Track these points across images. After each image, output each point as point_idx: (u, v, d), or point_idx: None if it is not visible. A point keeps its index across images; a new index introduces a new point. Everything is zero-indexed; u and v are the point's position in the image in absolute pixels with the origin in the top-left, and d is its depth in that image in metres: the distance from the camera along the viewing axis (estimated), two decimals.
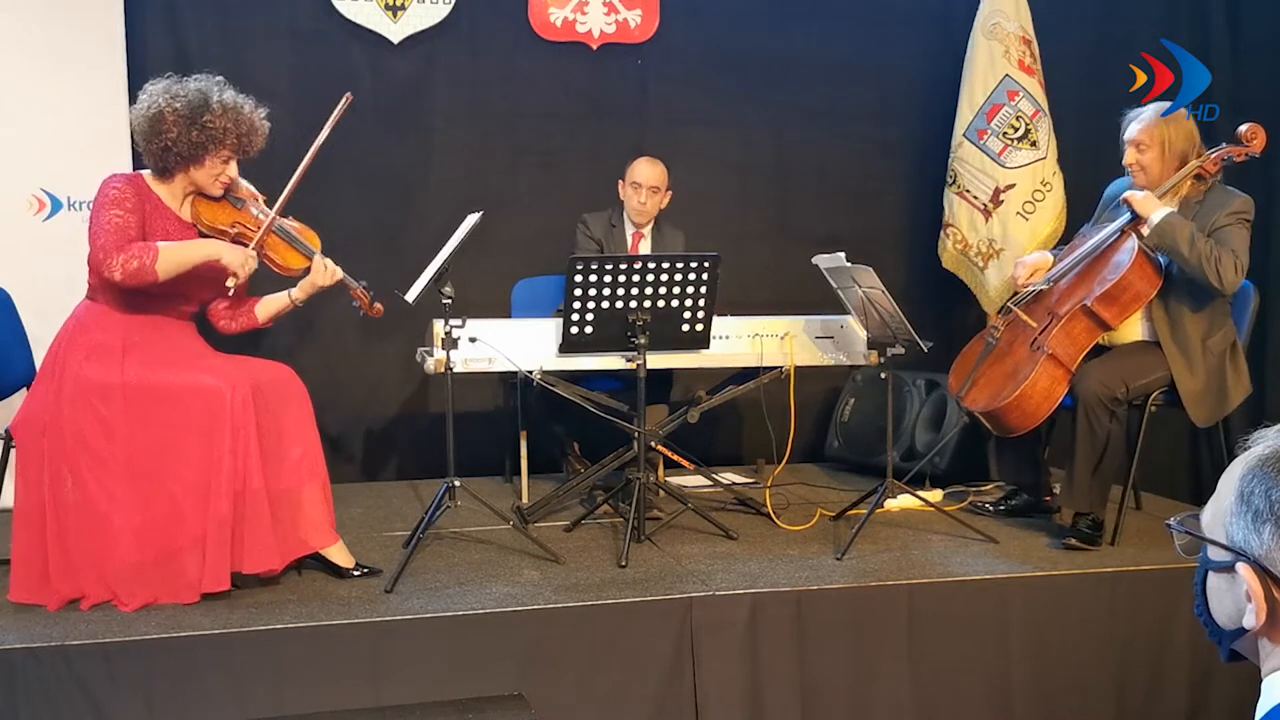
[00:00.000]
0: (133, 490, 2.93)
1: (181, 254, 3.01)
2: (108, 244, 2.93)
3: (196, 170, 3.09)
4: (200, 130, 3.02)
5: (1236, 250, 3.37)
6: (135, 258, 2.92)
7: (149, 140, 3.05)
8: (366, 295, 3.27)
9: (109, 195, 3.01)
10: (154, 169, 3.12)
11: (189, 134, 3.02)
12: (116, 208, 2.99)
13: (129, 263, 2.91)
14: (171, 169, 3.09)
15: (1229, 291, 3.42)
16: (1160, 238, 3.40)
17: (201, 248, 3.06)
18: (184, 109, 3.02)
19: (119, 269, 2.91)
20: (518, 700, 2.71)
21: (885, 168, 5.12)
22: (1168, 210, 3.41)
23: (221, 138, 3.06)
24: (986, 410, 3.54)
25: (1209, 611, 1.22)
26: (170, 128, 3.01)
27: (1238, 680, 3.15)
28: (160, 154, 3.05)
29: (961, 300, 4.91)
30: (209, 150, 3.06)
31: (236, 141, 3.10)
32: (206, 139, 3.04)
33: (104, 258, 2.92)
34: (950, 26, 4.98)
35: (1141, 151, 3.50)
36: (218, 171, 3.11)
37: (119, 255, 2.91)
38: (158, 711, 2.66)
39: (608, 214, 4.31)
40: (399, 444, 4.73)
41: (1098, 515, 3.49)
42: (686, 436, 4.14)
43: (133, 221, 3.00)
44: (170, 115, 3.01)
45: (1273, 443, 1.16)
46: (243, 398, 2.95)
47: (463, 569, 3.28)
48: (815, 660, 3.04)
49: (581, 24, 4.75)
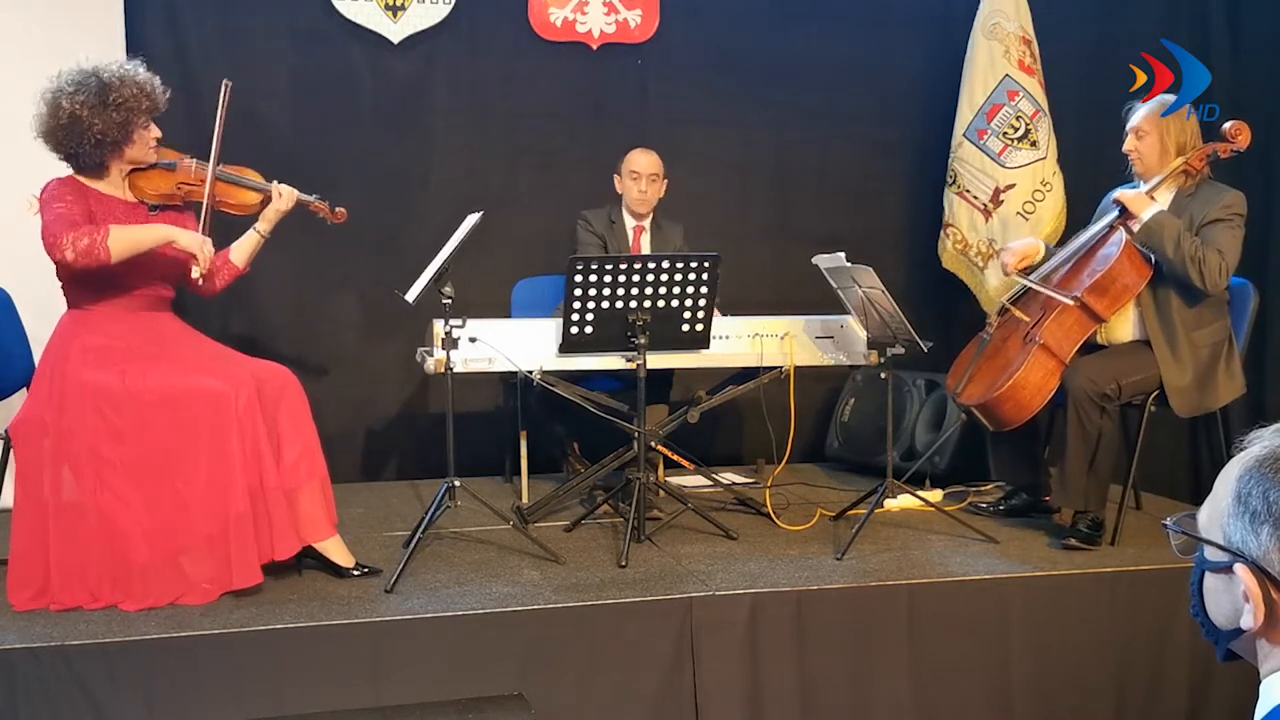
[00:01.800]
0: (141, 493, 2.93)
1: (134, 235, 3.03)
2: (55, 229, 2.95)
3: (130, 148, 3.12)
4: (116, 109, 3.04)
5: (1224, 250, 3.38)
6: (85, 235, 2.94)
7: (76, 143, 3.05)
8: (325, 204, 3.35)
9: (49, 193, 3.06)
10: (88, 168, 3.13)
11: (109, 117, 3.03)
12: (58, 201, 3.02)
13: (79, 240, 2.93)
14: (106, 159, 3.11)
15: (1212, 292, 3.42)
16: (1148, 235, 3.42)
17: (154, 231, 3.08)
18: (89, 98, 3.03)
19: (69, 247, 2.92)
20: (518, 700, 2.71)
21: (885, 168, 5.12)
22: (1157, 208, 3.43)
23: (137, 105, 3.08)
24: (981, 403, 3.54)
25: (1205, 612, 1.22)
26: (92, 120, 3.02)
27: (1237, 681, 3.15)
28: (93, 149, 3.07)
29: (961, 300, 4.90)
30: (134, 124, 3.09)
31: (149, 103, 3.13)
32: (127, 114, 3.06)
33: (53, 240, 2.94)
34: (950, 26, 4.98)
35: (1140, 138, 3.52)
36: (146, 140, 3.15)
37: (68, 234, 2.93)
38: (158, 711, 2.66)
39: (606, 210, 4.31)
40: (399, 444, 4.73)
41: (1097, 514, 3.49)
42: (686, 436, 4.14)
43: (77, 210, 3.02)
44: (82, 110, 3.02)
45: (1269, 443, 1.16)
46: (248, 399, 2.97)
47: (463, 569, 3.28)
48: (815, 660, 3.04)
49: (581, 24, 4.75)
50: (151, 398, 2.95)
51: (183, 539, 2.94)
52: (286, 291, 4.54)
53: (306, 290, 4.57)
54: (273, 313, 4.55)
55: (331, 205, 3.39)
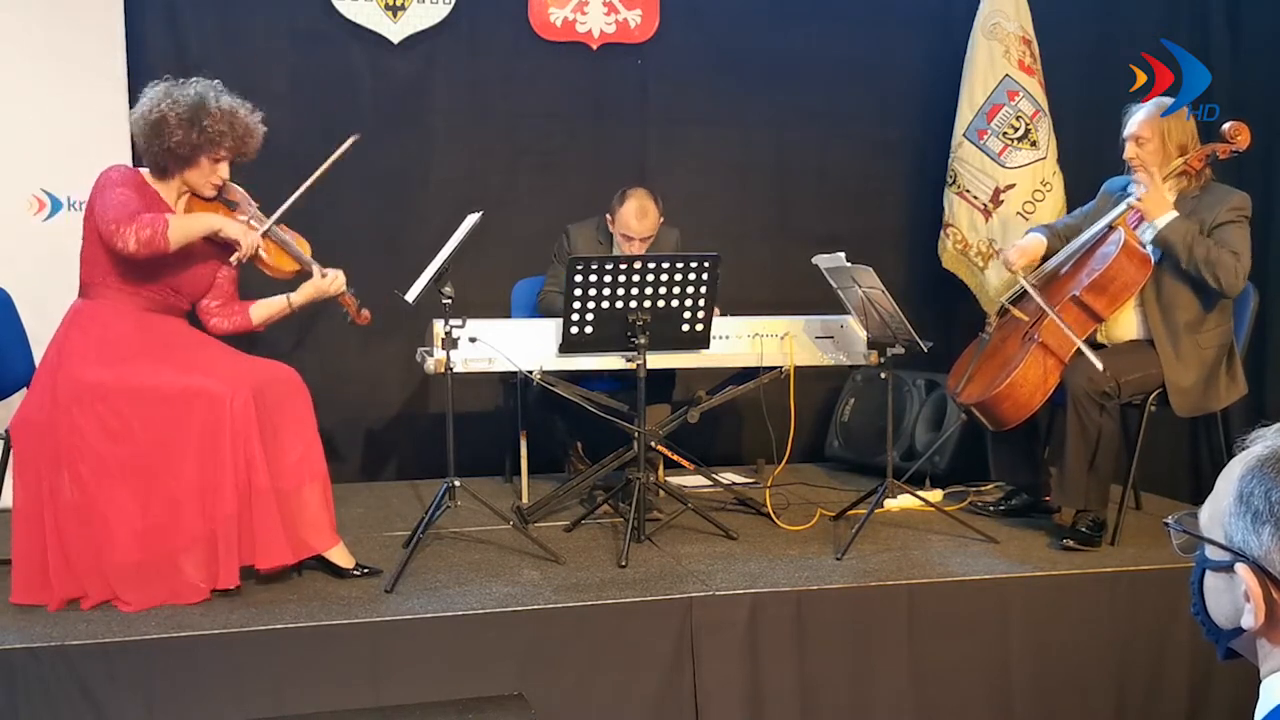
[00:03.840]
0: (133, 491, 2.93)
1: (189, 224, 3.08)
2: (118, 216, 2.98)
3: (191, 171, 3.14)
4: (200, 133, 3.07)
5: (1238, 251, 3.38)
6: (147, 226, 2.97)
7: (150, 142, 3.10)
8: (354, 301, 3.33)
9: (112, 178, 3.08)
10: (153, 169, 3.18)
11: (190, 136, 3.07)
12: (122, 187, 3.05)
13: (141, 231, 2.96)
14: (169, 170, 3.15)
15: (1230, 294, 3.42)
16: (1164, 241, 3.42)
17: (205, 219, 3.12)
18: (185, 112, 3.07)
19: (132, 237, 2.95)
20: (518, 700, 2.71)
21: (885, 168, 5.11)
22: (1173, 215, 3.42)
23: (219, 140, 3.11)
24: (979, 402, 3.54)
25: (1206, 610, 1.22)
26: (174, 130, 3.06)
27: (1238, 681, 3.15)
28: (161, 155, 3.11)
29: (961, 300, 4.90)
30: (205, 151, 3.11)
31: (232, 144, 3.15)
32: (204, 141, 3.09)
33: (116, 228, 2.96)
34: (950, 26, 4.98)
35: (1141, 145, 3.51)
36: (210, 173, 3.16)
37: (131, 225, 2.96)
38: (158, 711, 2.66)
39: (595, 229, 4.19)
40: (399, 444, 4.73)
41: (1098, 514, 3.49)
42: (686, 436, 4.14)
43: (137, 200, 3.05)
44: (173, 119, 3.06)
45: (1271, 443, 1.16)
46: (243, 401, 2.97)
47: (463, 569, 3.28)
48: (815, 660, 3.04)
49: (581, 24, 4.75)
50: (146, 396, 2.96)
51: (176, 538, 2.94)
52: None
53: None
54: None
55: (359, 305, 3.34)
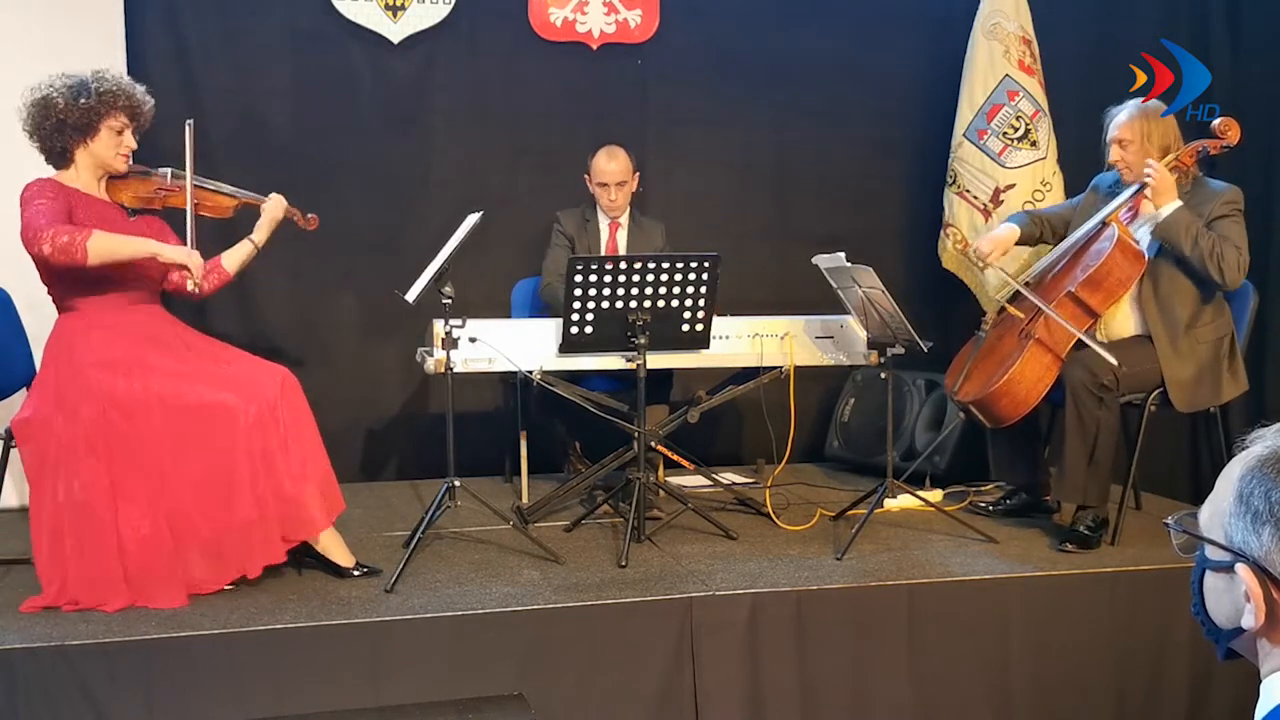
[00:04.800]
0: (141, 496, 2.93)
1: (115, 245, 3.02)
2: (36, 223, 2.96)
3: (95, 143, 3.12)
4: (88, 97, 3.07)
5: (1240, 245, 3.39)
6: (65, 232, 2.94)
7: (41, 125, 3.08)
8: (298, 211, 3.44)
9: (30, 191, 3.06)
10: (55, 159, 3.15)
11: (77, 103, 3.06)
12: (39, 198, 3.03)
13: (58, 236, 2.93)
14: (69, 148, 3.11)
15: (1231, 287, 3.43)
16: (1166, 231, 3.42)
17: (136, 244, 3.07)
18: (68, 87, 3.08)
19: (48, 241, 2.93)
20: (518, 700, 2.71)
21: (885, 168, 5.11)
22: (1178, 203, 3.42)
23: (111, 100, 3.10)
24: (977, 399, 3.54)
25: (1206, 611, 1.22)
26: (58, 101, 3.05)
27: (1238, 681, 3.15)
28: (54, 133, 3.08)
29: (961, 300, 4.90)
30: (101, 115, 3.09)
31: (127, 104, 3.14)
32: (97, 103, 3.08)
33: (33, 235, 2.94)
34: (950, 26, 4.98)
35: (1125, 148, 3.53)
36: (115, 142, 3.14)
37: (48, 230, 2.94)
38: (158, 711, 2.66)
39: (581, 210, 4.27)
40: (399, 444, 4.73)
41: (1099, 512, 3.49)
42: (686, 436, 4.14)
43: (59, 207, 3.02)
44: (56, 95, 3.07)
45: (1271, 443, 1.16)
46: (257, 414, 2.98)
47: (463, 569, 3.28)
48: (815, 660, 3.04)
49: (581, 24, 4.75)
50: (158, 403, 2.96)
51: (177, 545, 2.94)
52: (286, 291, 4.54)
53: (306, 290, 4.57)
54: (273, 312, 4.55)
55: (303, 211, 3.47)
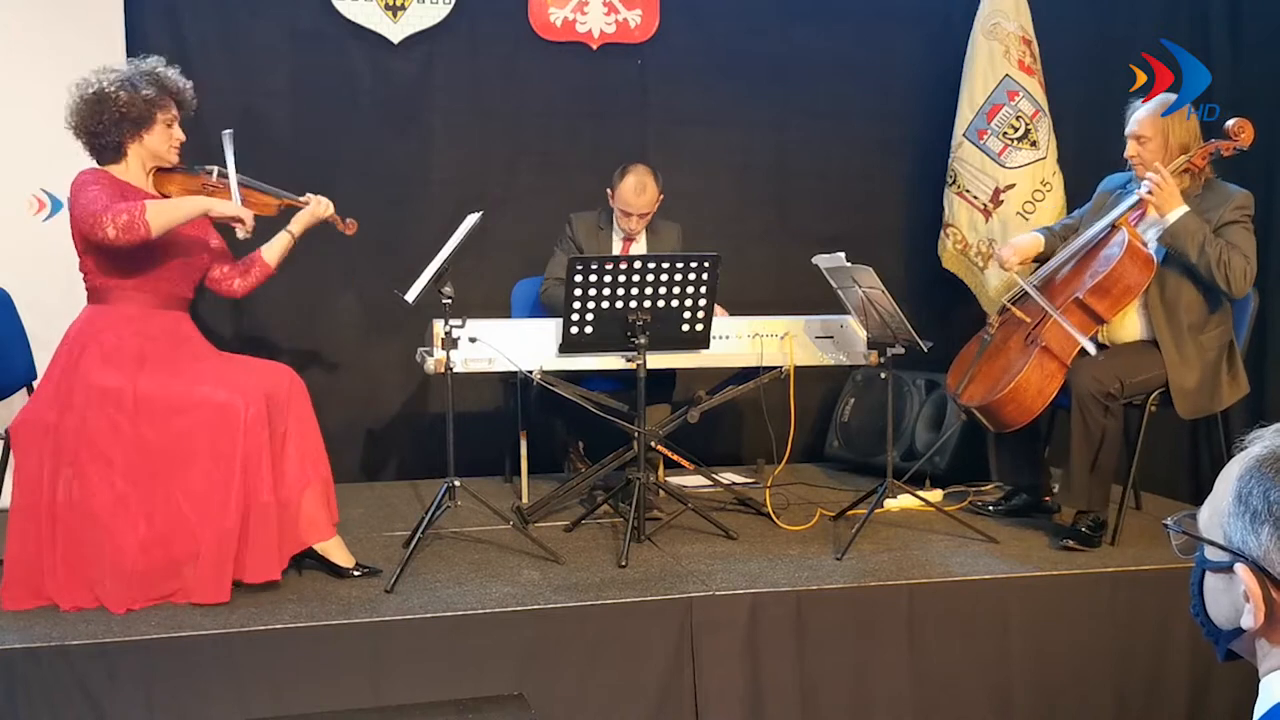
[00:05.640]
0: (140, 497, 2.93)
1: (171, 208, 3.04)
2: (94, 210, 2.95)
3: (149, 135, 3.14)
4: (150, 86, 3.10)
5: (1247, 253, 3.37)
6: (124, 212, 2.94)
7: (96, 121, 3.08)
8: (339, 217, 3.44)
9: (83, 179, 3.06)
10: (107, 156, 3.15)
11: (135, 95, 3.08)
12: (94, 185, 3.03)
13: (118, 217, 2.93)
14: (124, 142, 3.12)
15: (1238, 295, 3.41)
16: (1174, 238, 3.39)
17: (189, 203, 3.10)
18: (121, 80, 3.09)
19: (110, 225, 2.93)
20: (518, 700, 2.71)
21: (885, 168, 5.11)
22: (1184, 210, 3.39)
23: (166, 88, 3.14)
24: (982, 405, 3.54)
25: (1205, 611, 1.22)
26: (117, 95, 3.06)
27: (1237, 681, 3.15)
28: (111, 129, 3.09)
29: (961, 300, 4.90)
30: (158, 107, 3.12)
31: (177, 93, 3.18)
32: (155, 93, 3.11)
33: (94, 222, 2.94)
34: (950, 26, 4.98)
35: (1143, 144, 3.50)
36: (168, 135, 3.17)
37: (107, 214, 2.94)
38: (158, 711, 2.66)
39: (597, 215, 4.23)
40: (399, 444, 4.73)
41: (1099, 514, 3.49)
42: (686, 436, 4.14)
43: (113, 192, 3.03)
44: (110, 88, 3.07)
45: (1270, 443, 1.16)
46: (257, 413, 2.97)
47: (463, 569, 3.28)
48: (815, 660, 3.04)
49: (581, 24, 4.75)
50: (160, 405, 2.96)
51: (179, 546, 2.94)
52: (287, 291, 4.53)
53: (307, 290, 4.57)
54: (273, 312, 4.55)
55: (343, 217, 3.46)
